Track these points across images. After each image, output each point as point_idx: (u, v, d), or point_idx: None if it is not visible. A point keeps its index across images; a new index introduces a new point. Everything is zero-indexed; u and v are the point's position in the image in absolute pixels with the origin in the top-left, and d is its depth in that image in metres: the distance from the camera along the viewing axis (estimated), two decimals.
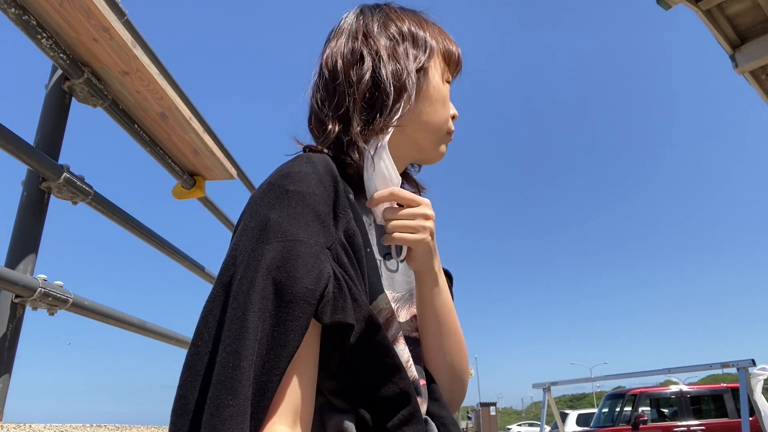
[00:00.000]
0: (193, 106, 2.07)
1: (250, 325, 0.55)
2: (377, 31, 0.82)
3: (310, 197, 0.64)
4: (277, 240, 0.60)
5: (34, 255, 1.50)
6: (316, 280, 0.58)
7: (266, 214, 0.63)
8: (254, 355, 0.55)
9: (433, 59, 0.84)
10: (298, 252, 0.59)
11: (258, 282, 0.57)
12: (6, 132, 1.32)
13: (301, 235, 0.61)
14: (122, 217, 1.93)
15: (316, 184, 0.66)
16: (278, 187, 0.65)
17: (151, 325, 2.04)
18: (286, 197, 0.64)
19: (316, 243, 0.61)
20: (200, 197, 2.53)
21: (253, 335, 0.55)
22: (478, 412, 22.84)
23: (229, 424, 0.51)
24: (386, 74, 0.78)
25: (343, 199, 0.69)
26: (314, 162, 0.69)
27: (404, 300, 0.83)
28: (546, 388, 7.62)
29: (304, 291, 0.57)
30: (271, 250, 0.59)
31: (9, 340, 1.39)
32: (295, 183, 0.65)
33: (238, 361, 0.54)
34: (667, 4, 3.09)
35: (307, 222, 0.62)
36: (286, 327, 0.56)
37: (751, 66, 3.50)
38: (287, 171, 0.67)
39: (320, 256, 0.60)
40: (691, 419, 9.86)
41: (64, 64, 1.56)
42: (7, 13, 1.35)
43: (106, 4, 1.46)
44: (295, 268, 0.58)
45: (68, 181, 1.54)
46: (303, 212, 0.63)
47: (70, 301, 1.51)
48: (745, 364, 5.19)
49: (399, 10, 0.88)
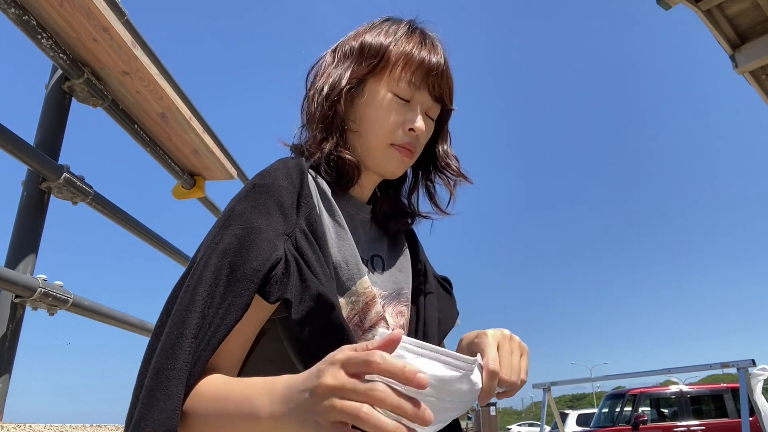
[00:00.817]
0: (193, 106, 2.07)
1: (198, 298, 0.63)
2: (331, 51, 0.89)
3: (275, 189, 0.72)
4: (236, 226, 0.68)
5: (34, 255, 1.50)
6: (263, 262, 0.64)
7: (233, 206, 0.71)
8: (198, 326, 0.61)
9: (385, 68, 0.83)
10: (253, 237, 0.66)
11: (213, 261, 0.65)
12: (6, 132, 1.32)
13: (259, 223, 0.68)
14: (122, 217, 1.93)
15: (282, 178, 0.73)
16: (249, 183, 0.74)
17: (150, 325, 2.04)
18: (253, 190, 0.72)
19: (273, 230, 0.68)
20: (200, 197, 2.53)
21: (200, 307, 0.62)
22: (478, 412, 22.82)
23: (165, 386, 0.58)
24: (316, 90, 0.86)
25: (307, 190, 0.75)
26: (287, 161, 0.78)
27: (391, 298, 0.85)
28: (546, 388, 7.62)
29: (251, 271, 0.64)
30: (229, 234, 0.67)
31: (9, 340, 1.40)
32: (264, 178, 0.73)
33: (182, 329, 0.61)
34: (667, 4, 3.09)
35: (268, 211, 0.69)
36: (229, 302, 0.63)
37: (751, 66, 3.50)
38: (262, 170, 0.76)
39: (274, 241, 0.67)
40: (691, 419, 9.85)
41: (64, 64, 1.56)
42: (7, 13, 1.35)
43: (106, 5, 1.46)
44: (247, 251, 0.65)
45: (68, 181, 1.54)
46: (265, 203, 0.70)
47: (70, 301, 1.51)
48: (745, 364, 5.19)
49: (374, 25, 0.88)
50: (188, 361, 0.60)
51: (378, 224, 0.93)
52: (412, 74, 0.83)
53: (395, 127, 0.83)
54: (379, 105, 0.83)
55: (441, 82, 0.85)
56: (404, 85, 0.83)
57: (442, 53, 0.87)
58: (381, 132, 0.83)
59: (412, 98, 0.84)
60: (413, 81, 0.83)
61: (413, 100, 0.84)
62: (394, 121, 0.83)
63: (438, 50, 0.86)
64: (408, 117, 0.83)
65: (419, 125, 0.83)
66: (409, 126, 0.83)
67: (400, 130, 0.83)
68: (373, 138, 0.84)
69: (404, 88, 0.83)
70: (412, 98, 0.84)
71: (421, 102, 0.85)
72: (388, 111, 0.83)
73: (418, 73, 0.83)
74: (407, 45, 0.84)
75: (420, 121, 0.83)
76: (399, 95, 0.83)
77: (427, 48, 0.85)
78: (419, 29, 0.88)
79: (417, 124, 0.83)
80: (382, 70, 0.83)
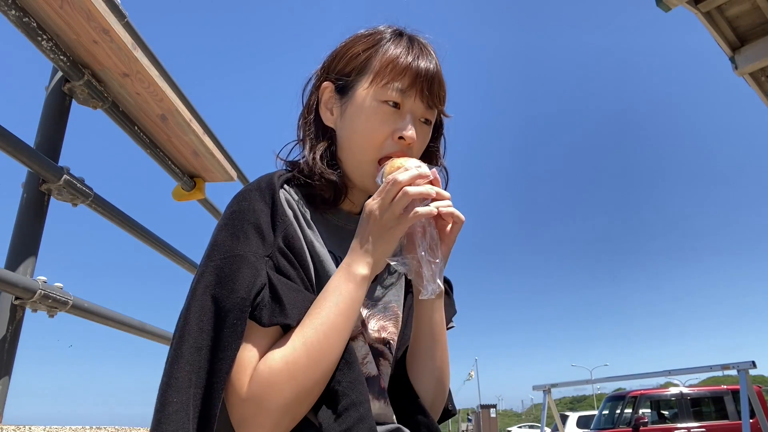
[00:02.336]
0: (193, 108, 2.07)
1: (187, 336, 0.65)
2: (321, 67, 0.90)
3: (250, 213, 0.73)
4: (218, 257, 0.69)
5: (34, 257, 1.50)
6: (248, 289, 0.66)
7: (215, 236, 0.73)
8: (189, 362, 0.64)
9: (372, 75, 0.80)
10: (236, 266, 0.68)
11: (197, 298, 0.67)
12: (6, 134, 1.32)
13: (240, 249, 0.69)
14: (122, 219, 1.93)
15: (257, 199, 0.74)
16: (228, 209, 0.75)
17: (151, 327, 2.03)
18: (231, 217, 0.73)
19: (254, 254, 0.69)
20: (200, 199, 2.53)
21: (189, 344, 0.65)
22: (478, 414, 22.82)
23: (172, 418, 0.61)
24: (307, 107, 0.89)
25: (281, 209, 0.75)
26: (260, 181, 0.78)
27: (376, 311, 0.86)
28: (546, 390, 7.61)
29: (239, 300, 0.66)
30: (211, 266, 0.69)
31: (9, 342, 1.39)
32: (240, 202, 0.75)
33: (177, 363, 0.64)
34: (666, 6, 3.09)
35: (247, 236, 0.71)
36: (224, 333, 0.65)
37: (750, 68, 3.50)
38: (238, 192, 0.78)
39: (256, 265, 0.69)
40: (692, 421, 9.84)
41: (64, 66, 1.56)
42: (7, 15, 1.35)
43: (106, 6, 1.46)
44: (232, 281, 0.67)
45: (68, 183, 1.54)
46: (243, 228, 0.71)
47: (70, 303, 1.51)
48: (746, 365, 5.18)
49: (362, 35, 0.86)
50: (190, 394, 0.63)
51: None
52: (400, 79, 0.79)
53: (384, 137, 0.80)
54: (367, 114, 0.80)
55: (432, 87, 0.81)
56: (392, 92, 0.79)
57: (432, 57, 0.83)
58: (368, 145, 0.80)
59: (402, 105, 0.80)
60: (401, 86, 0.79)
61: (403, 107, 0.80)
62: (382, 130, 0.79)
63: (427, 54, 0.83)
64: (398, 125, 0.79)
65: (410, 133, 0.79)
66: (399, 134, 0.79)
67: (390, 140, 0.80)
68: (359, 152, 0.81)
69: (392, 94, 0.79)
70: (402, 105, 0.80)
71: (411, 109, 0.81)
72: (376, 119, 0.79)
73: (406, 77, 0.79)
74: (394, 49, 0.81)
75: (411, 130, 0.79)
76: (387, 101, 0.79)
77: (414, 52, 0.81)
78: (407, 34, 0.85)
79: (407, 132, 0.79)
80: (369, 77, 0.80)
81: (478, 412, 24.04)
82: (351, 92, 0.83)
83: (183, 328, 0.66)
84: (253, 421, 0.65)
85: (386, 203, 0.71)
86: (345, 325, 0.70)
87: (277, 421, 0.65)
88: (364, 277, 0.73)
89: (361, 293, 0.73)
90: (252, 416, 0.65)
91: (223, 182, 2.55)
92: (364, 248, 0.73)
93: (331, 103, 0.86)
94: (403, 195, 0.71)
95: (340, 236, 0.84)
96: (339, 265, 0.75)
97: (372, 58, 0.81)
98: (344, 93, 0.84)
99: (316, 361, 0.67)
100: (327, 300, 0.70)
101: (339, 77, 0.85)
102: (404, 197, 0.71)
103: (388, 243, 0.73)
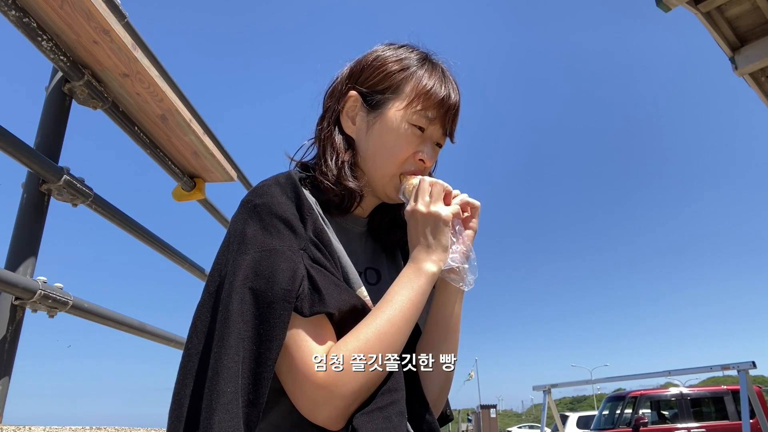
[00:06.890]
0: (194, 108, 2.07)
1: (232, 327, 0.66)
2: (348, 75, 0.93)
3: (276, 206, 0.74)
4: (253, 251, 0.70)
5: (34, 257, 1.50)
6: (290, 281, 0.68)
7: (242, 229, 0.73)
8: (237, 352, 0.65)
9: (406, 99, 0.87)
10: (273, 259, 0.70)
11: (236, 290, 0.68)
12: (6, 134, 1.32)
13: (275, 244, 0.71)
14: (122, 219, 1.93)
15: (279, 194, 0.76)
16: (248, 203, 0.76)
17: (151, 327, 2.04)
18: (255, 211, 0.74)
19: (289, 248, 0.71)
20: (200, 199, 2.53)
21: (234, 335, 0.65)
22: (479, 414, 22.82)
23: (227, 408, 0.62)
24: (332, 111, 0.91)
25: (307, 203, 0.78)
26: (278, 177, 0.80)
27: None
28: (546, 390, 7.62)
29: (282, 292, 0.67)
30: (247, 259, 0.70)
31: (9, 342, 1.39)
32: (261, 197, 0.76)
33: (224, 354, 0.65)
34: (666, 6, 3.09)
35: (279, 230, 0.73)
36: (270, 324, 0.67)
37: (750, 68, 3.50)
38: (254, 188, 0.79)
39: (293, 258, 0.71)
40: (692, 421, 9.84)
41: (64, 66, 1.56)
42: (7, 15, 1.35)
43: (106, 7, 1.46)
44: (272, 274, 0.68)
45: (68, 183, 1.54)
46: (273, 222, 0.73)
47: (70, 303, 1.51)
48: (746, 366, 5.18)
49: (393, 53, 0.91)
50: (238, 385, 0.64)
51: (374, 238, 0.96)
52: (432, 109, 0.87)
53: (407, 156, 0.88)
54: (397, 134, 0.87)
55: (455, 120, 0.91)
56: (422, 118, 0.87)
57: (457, 90, 0.91)
58: (393, 161, 0.87)
59: (426, 129, 0.88)
60: (431, 116, 0.87)
61: (426, 131, 0.88)
62: (407, 150, 0.87)
63: (456, 88, 0.91)
64: (420, 148, 0.88)
65: (429, 158, 0.89)
66: (420, 157, 0.88)
67: (411, 159, 0.88)
68: (383, 165, 0.88)
69: (422, 120, 0.87)
70: (426, 129, 0.88)
71: (432, 135, 0.90)
72: (404, 140, 0.87)
73: (438, 109, 0.88)
74: (428, 80, 0.88)
75: (430, 154, 0.89)
76: (416, 125, 0.87)
77: (446, 86, 0.89)
78: (440, 65, 0.92)
79: (427, 156, 0.88)
80: (403, 101, 0.87)
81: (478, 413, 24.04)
82: (382, 109, 0.88)
83: (226, 320, 0.67)
84: (328, 405, 0.69)
85: (428, 200, 0.81)
86: (414, 317, 0.76)
87: (349, 404, 0.70)
88: (434, 274, 0.79)
89: (429, 288, 0.79)
90: (326, 401, 0.69)
91: (223, 182, 2.55)
92: (427, 246, 0.80)
93: (354, 112, 0.91)
94: (442, 188, 0.82)
95: (347, 237, 0.88)
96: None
97: (406, 82, 0.88)
98: (374, 108, 0.89)
99: (388, 349, 0.71)
100: (398, 294, 0.76)
101: (369, 92, 0.89)
102: (440, 189, 0.82)
103: (444, 235, 0.80)
